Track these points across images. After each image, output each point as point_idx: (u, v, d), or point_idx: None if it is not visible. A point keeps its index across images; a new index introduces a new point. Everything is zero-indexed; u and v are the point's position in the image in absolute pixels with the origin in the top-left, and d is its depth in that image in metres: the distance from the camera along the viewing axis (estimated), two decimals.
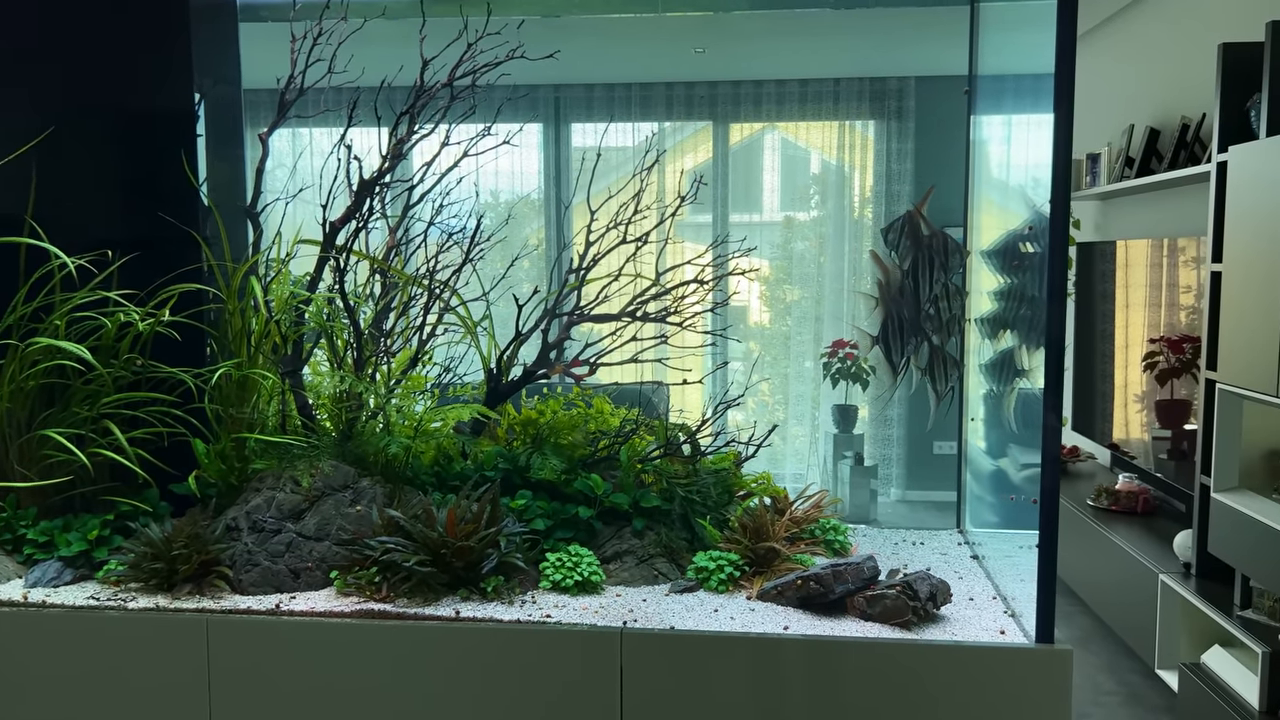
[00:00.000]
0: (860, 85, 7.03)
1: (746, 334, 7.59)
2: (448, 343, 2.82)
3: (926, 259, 2.80)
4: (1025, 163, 3.64)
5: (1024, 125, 6.10)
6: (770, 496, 2.71)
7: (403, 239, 2.87)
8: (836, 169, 7.27)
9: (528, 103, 7.20)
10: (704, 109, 7.16)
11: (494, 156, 6.52)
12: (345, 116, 2.57)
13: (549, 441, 2.68)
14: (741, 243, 2.73)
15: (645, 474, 2.70)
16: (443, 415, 2.59)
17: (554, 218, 7.35)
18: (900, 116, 7.01)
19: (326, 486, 2.59)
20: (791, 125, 7.32)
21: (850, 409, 6.88)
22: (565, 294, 2.76)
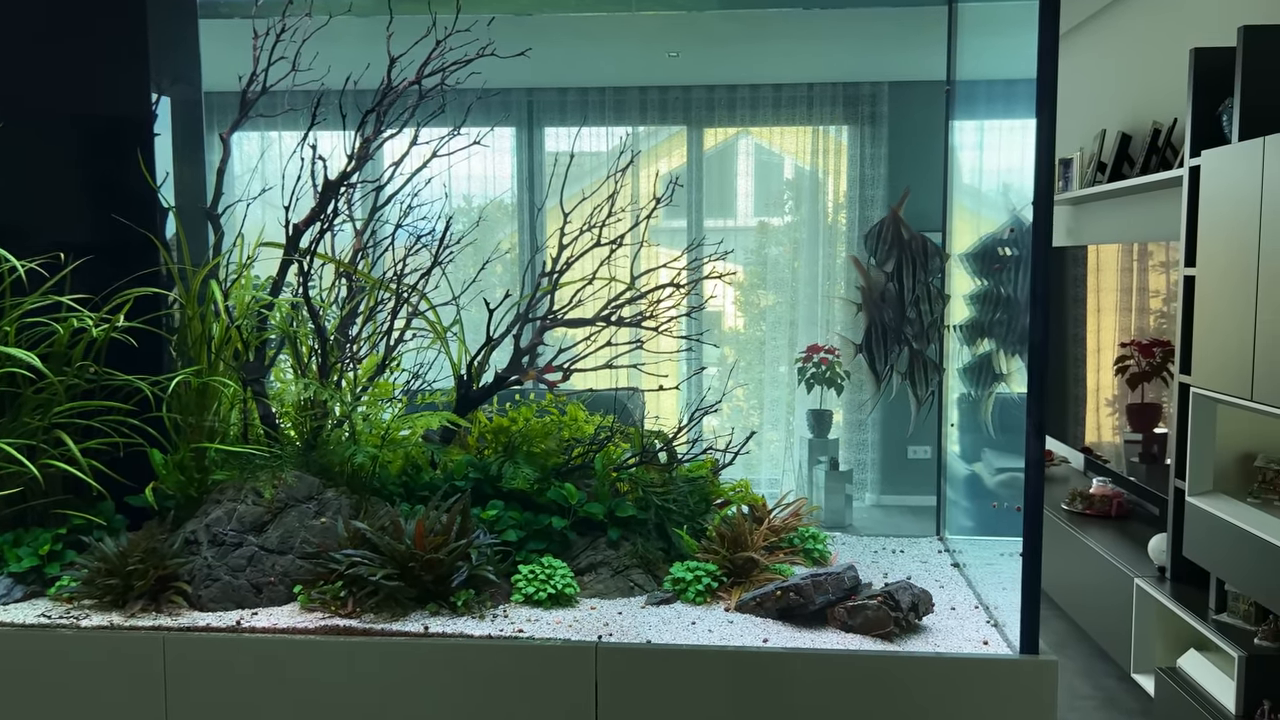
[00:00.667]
0: (834, 90, 6.99)
1: (721, 339, 7.52)
2: (416, 348, 2.72)
3: (908, 261, 2.74)
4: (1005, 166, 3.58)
5: (1003, 129, 6.11)
6: (748, 505, 2.63)
7: (369, 242, 2.77)
8: (810, 174, 7.22)
9: (500, 105, 7.10)
10: (678, 113, 7.09)
11: (465, 157, 6.47)
12: (309, 115, 2.47)
13: (521, 450, 2.59)
14: (718, 245, 2.65)
15: (620, 483, 2.61)
16: (411, 423, 2.49)
17: (527, 222, 7.25)
18: (874, 121, 6.97)
19: (290, 498, 2.48)
20: (765, 131, 7.26)
21: (825, 414, 6.83)
22: (538, 298, 2.67)
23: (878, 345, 2.65)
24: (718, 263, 2.67)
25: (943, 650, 2.20)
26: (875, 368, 2.65)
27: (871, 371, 2.65)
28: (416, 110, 2.62)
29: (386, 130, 2.60)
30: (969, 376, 2.67)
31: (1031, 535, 2.13)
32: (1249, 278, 3.68)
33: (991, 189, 6.52)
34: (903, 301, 2.71)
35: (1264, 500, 3.96)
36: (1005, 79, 3.76)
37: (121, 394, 2.55)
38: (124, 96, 2.73)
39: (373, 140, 2.56)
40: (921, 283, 2.76)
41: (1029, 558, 2.14)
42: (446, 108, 2.74)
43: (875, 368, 2.65)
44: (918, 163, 6.94)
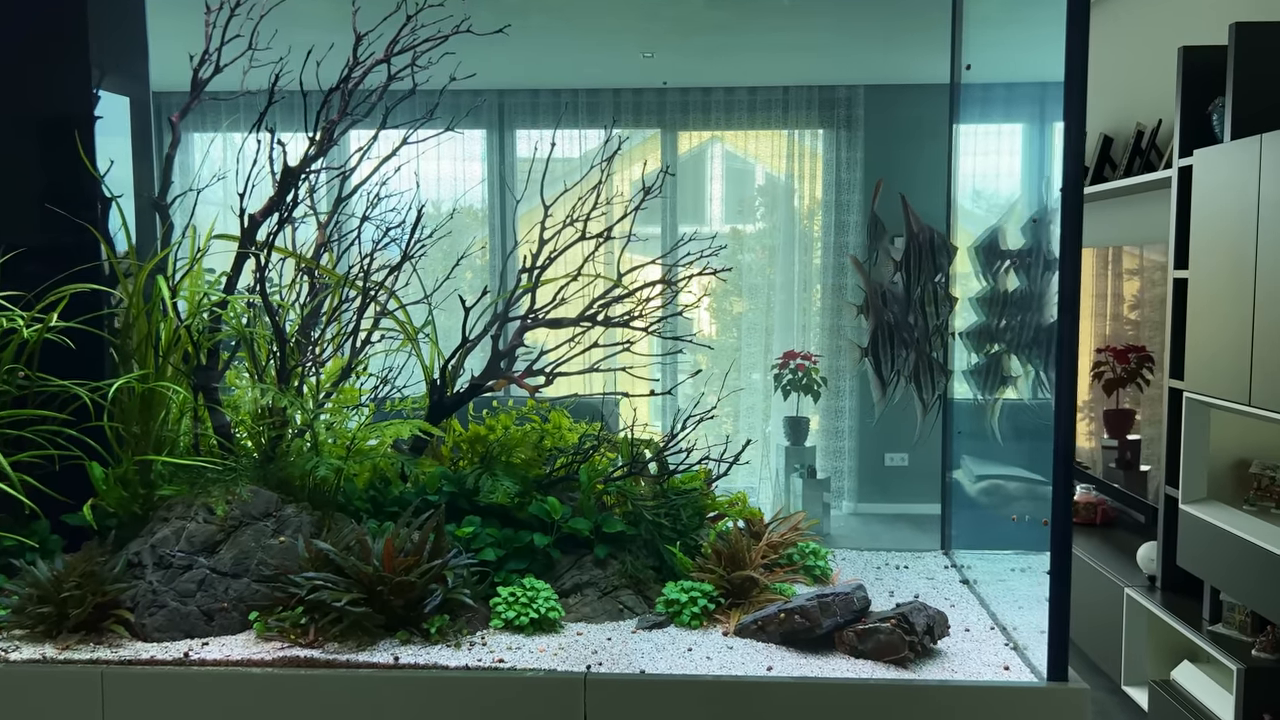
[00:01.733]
0: (809, 93, 6.82)
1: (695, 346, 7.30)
2: (385, 351, 2.48)
3: (915, 253, 2.54)
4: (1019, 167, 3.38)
5: (1013, 130, 5.96)
6: (744, 519, 2.41)
7: (334, 235, 2.52)
8: (785, 179, 7.04)
9: (469, 106, 6.85)
10: (652, 116, 6.88)
11: (435, 157, 6.16)
12: (266, 95, 2.22)
13: (500, 461, 2.35)
14: (712, 240, 2.44)
15: (608, 495, 2.38)
16: (379, 432, 2.25)
17: (498, 226, 7.00)
18: (850, 125, 6.81)
19: (245, 515, 2.22)
20: (738, 137, 7.08)
21: (801, 421, 6.63)
22: (517, 296, 2.44)
23: (884, 348, 2.44)
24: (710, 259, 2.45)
25: (962, 678, 1.99)
26: (881, 372, 2.44)
27: (877, 376, 2.45)
28: (385, 91, 2.38)
29: (352, 113, 2.35)
30: (974, 379, 2.47)
31: (1060, 553, 1.93)
32: (1245, 279, 3.52)
33: (993, 188, 6.39)
34: (909, 297, 2.51)
35: (1260, 508, 3.81)
36: (1019, 81, 3.59)
37: (57, 402, 2.28)
38: (62, 84, 2.47)
39: (337, 123, 2.32)
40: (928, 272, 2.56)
41: (1058, 577, 1.94)
42: (416, 103, 2.50)
43: (881, 372, 2.44)
44: (895, 166, 6.78)
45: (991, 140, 6.36)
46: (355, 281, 2.38)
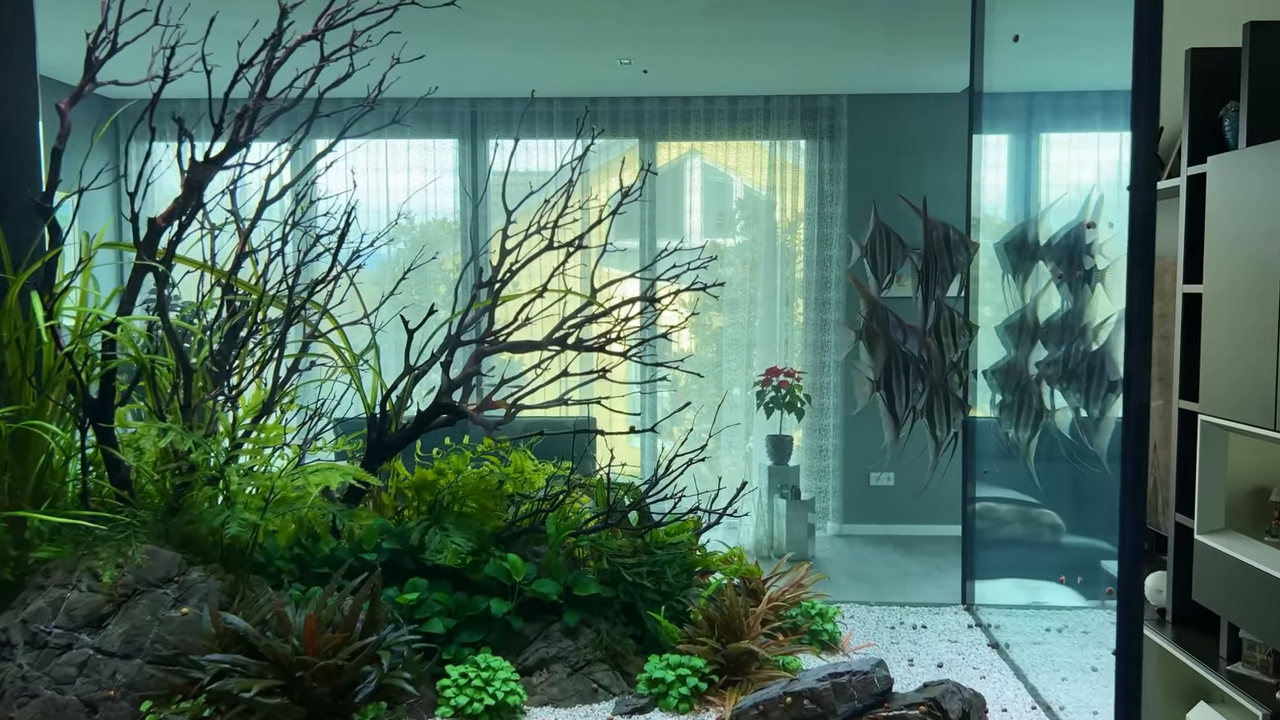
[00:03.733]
0: (791, 103, 6.43)
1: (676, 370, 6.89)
2: (317, 381, 2.06)
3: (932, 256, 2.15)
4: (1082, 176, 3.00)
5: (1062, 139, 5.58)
6: (740, 577, 1.99)
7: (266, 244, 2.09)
8: (767, 190, 6.65)
9: (440, 116, 6.42)
10: (630, 126, 6.47)
11: (405, 168, 5.59)
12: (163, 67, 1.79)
13: (451, 511, 1.93)
14: (700, 251, 2.03)
15: (579, 549, 1.96)
16: (306, 479, 1.82)
17: (470, 239, 6.56)
18: (833, 136, 6.42)
19: (140, 582, 1.78)
20: (717, 150, 6.68)
21: (785, 439, 6.22)
22: (474, 315, 2.01)
23: (898, 381, 2.04)
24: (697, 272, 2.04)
25: None
26: (895, 409, 2.04)
27: (890, 414, 2.04)
28: (317, 74, 1.95)
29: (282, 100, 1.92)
30: (1007, 414, 2.07)
31: (1129, 631, 1.54)
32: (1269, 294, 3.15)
33: (1017, 193, 6.04)
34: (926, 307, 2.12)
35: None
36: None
37: None
38: None
39: (254, 111, 1.88)
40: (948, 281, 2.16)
41: (1125, 658, 1.55)
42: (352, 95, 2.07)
43: (895, 409, 2.04)
44: (879, 177, 6.41)
45: (1018, 149, 6.02)
46: (280, 298, 1.95)
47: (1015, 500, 4.68)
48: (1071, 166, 6.04)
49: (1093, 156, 6.03)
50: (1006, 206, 5.86)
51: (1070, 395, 1.94)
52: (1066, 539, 4.33)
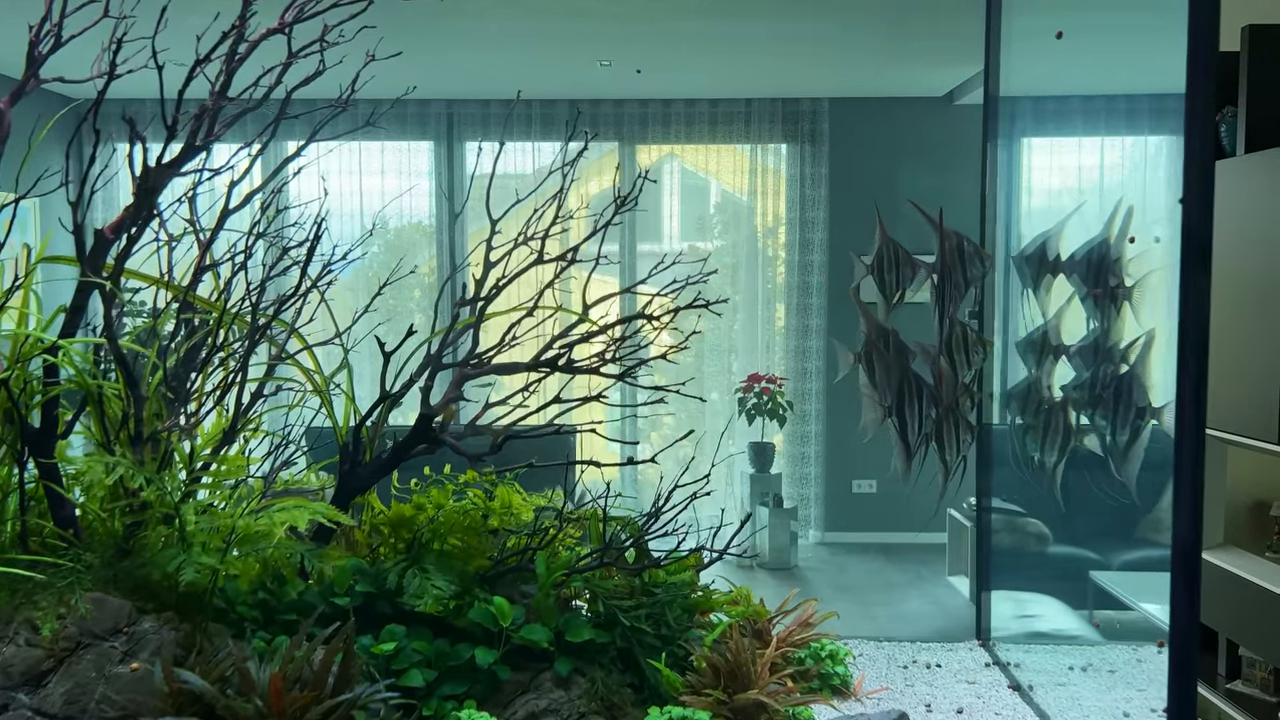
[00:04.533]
0: (772, 106, 6.28)
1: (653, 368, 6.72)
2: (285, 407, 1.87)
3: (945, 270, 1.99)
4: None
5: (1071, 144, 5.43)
6: (747, 619, 1.82)
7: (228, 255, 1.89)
8: (747, 195, 6.50)
9: (416, 118, 6.20)
10: (610, 129, 6.29)
11: (379, 171, 5.34)
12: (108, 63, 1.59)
13: (431, 549, 1.74)
14: (703, 263, 1.86)
15: (571, 587, 1.79)
16: (271, 516, 1.63)
17: (447, 243, 6.36)
18: (814, 140, 6.28)
19: (85, 634, 1.58)
20: (696, 154, 6.52)
21: (767, 447, 6.07)
22: (456, 334, 1.83)
23: (911, 408, 1.88)
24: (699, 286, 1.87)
25: None
26: (907, 437, 1.88)
27: (902, 442, 1.88)
28: (284, 73, 1.76)
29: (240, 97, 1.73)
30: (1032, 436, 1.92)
31: (1181, 691, 1.38)
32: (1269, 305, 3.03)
33: (1040, 204, 5.89)
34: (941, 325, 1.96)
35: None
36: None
37: None
38: None
39: (214, 112, 1.69)
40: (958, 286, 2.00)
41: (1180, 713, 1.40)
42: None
43: (907, 437, 1.88)
44: (862, 182, 6.27)
45: (1043, 154, 5.89)
46: (243, 316, 1.76)
47: (1005, 510, 4.55)
48: (1095, 173, 5.93)
49: (1118, 162, 5.92)
50: (1025, 217, 5.73)
51: (1097, 420, 1.79)
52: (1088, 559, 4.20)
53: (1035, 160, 5.96)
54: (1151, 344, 1.73)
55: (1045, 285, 1.96)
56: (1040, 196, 5.96)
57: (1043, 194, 5.95)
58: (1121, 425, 1.73)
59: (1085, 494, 2.04)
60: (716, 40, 4.96)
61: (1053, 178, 6.00)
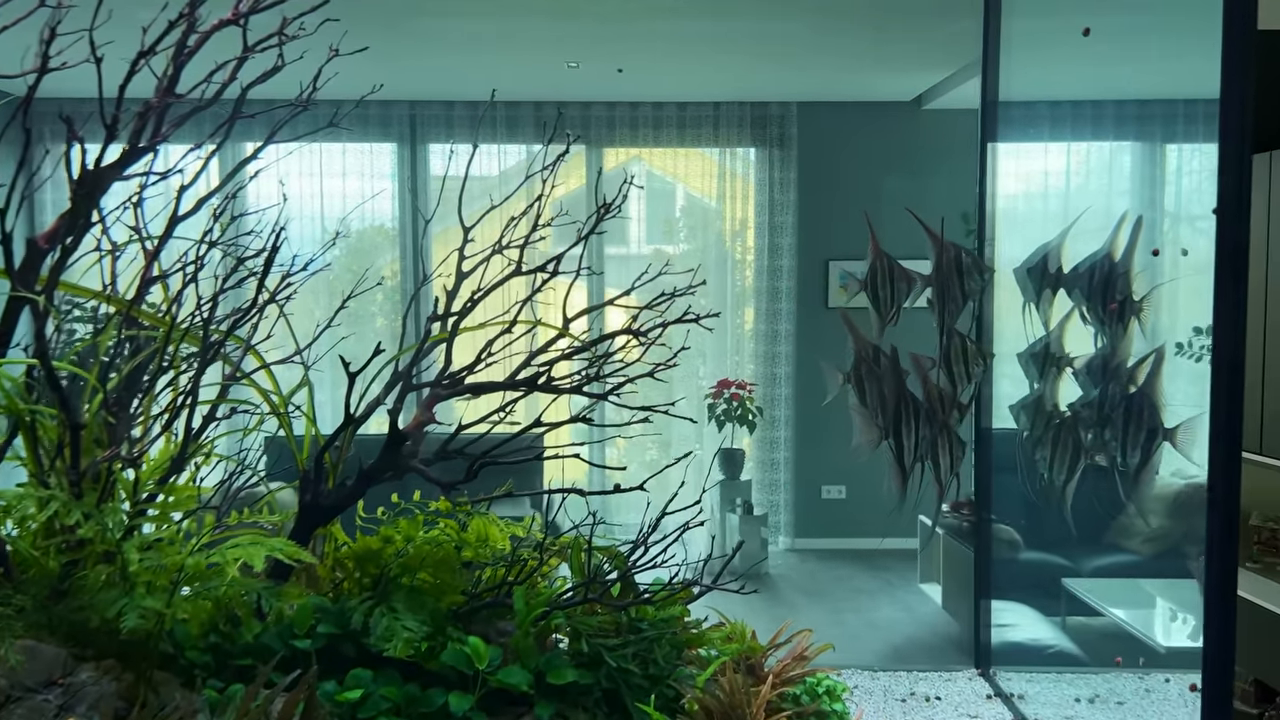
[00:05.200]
0: (740, 110, 6.17)
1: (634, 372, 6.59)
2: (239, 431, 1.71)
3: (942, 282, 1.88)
4: None
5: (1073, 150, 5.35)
6: (740, 656, 1.69)
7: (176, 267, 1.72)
8: (716, 199, 6.39)
9: (378, 119, 6.01)
10: (576, 132, 6.15)
11: (340, 173, 5.18)
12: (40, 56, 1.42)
13: (401, 586, 1.59)
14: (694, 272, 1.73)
15: (552, 623, 1.65)
16: (223, 554, 1.47)
17: (410, 248, 6.17)
18: (783, 144, 6.19)
19: (15, 685, 1.41)
20: (664, 157, 6.40)
21: (737, 453, 5.97)
22: (426, 351, 1.68)
23: (907, 427, 1.77)
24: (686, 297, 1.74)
25: None
26: (903, 459, 1.77)
27: (898, 465, 1.77)
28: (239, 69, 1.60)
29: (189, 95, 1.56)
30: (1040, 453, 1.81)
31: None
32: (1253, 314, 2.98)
33: (1037, 208, 5.81)
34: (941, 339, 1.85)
35: (1265, 565, 3.27)
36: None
37: None
38: None
39: (160, 110, 1.52)
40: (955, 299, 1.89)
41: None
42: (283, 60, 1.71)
43: (903, 459, 1.77)
44: (830, 187, 6.19)
45: (1038, 159, 5.81)
46: (194, 331, 1.59)
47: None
48: (1098, 181, 5.89)
49: (1123, 169, 5.87)
50: (1025, 226, 5.66)
51: (1107, 443, 1.69)
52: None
53: (1029, 166, 5.91)
54: (1162, 362, 1.64)
55: (1047, 299, 1.86)
56: (1035, 201, 5.90)
57: (1038, 199, 5.89)
58: (1132, 447, 1.63)
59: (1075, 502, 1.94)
60: (686, 42, 4.85)
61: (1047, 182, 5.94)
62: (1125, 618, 4.28)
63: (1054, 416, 1.79)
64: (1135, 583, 4.48)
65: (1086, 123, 5.67)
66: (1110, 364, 1.70)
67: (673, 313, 1.79)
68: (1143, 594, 4.43)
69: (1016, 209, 5.67)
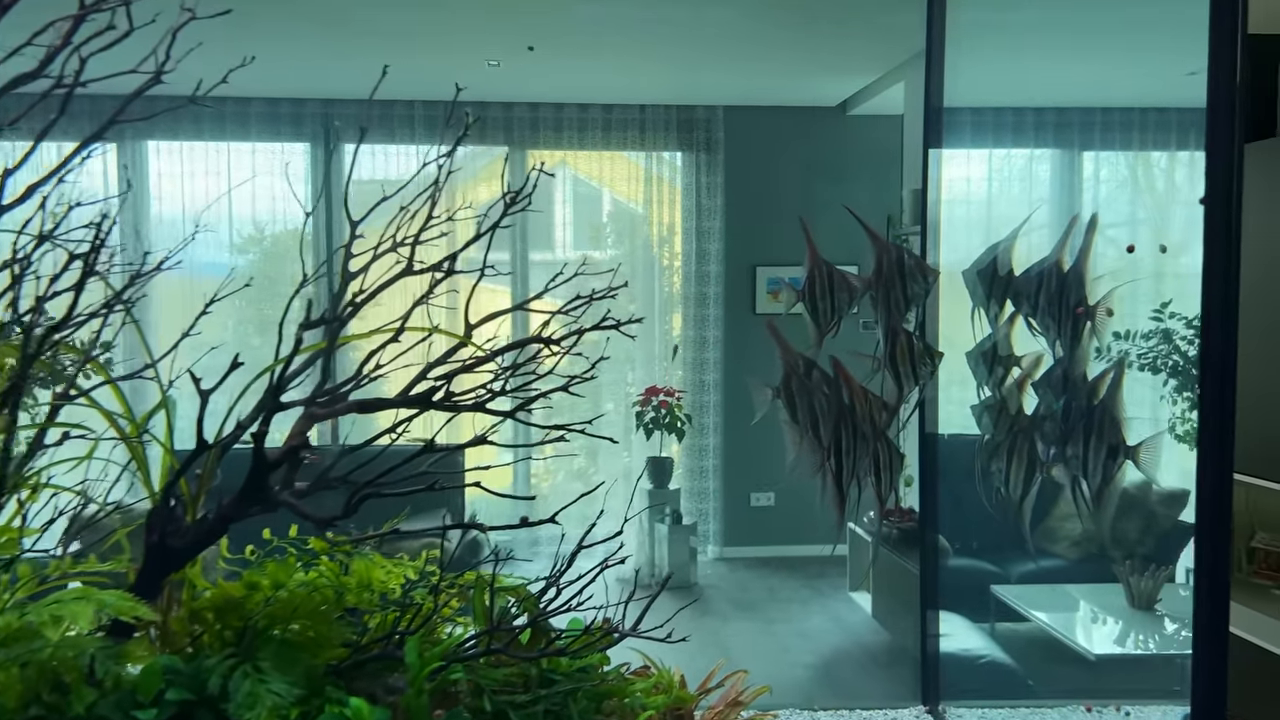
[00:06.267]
0: (667, 113, 5.98)
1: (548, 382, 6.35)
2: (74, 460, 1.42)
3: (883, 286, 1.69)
4: None
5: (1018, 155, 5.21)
6: (670, 709, 1.47)
7: None
8: (642, 203, 6.19)
9: (290, 118, 5.65)
10: (499, 133, 5.89)
11: (250, 171, 4.90)
12: None
13: (270, 640, 1.33)
14: (613, 273, 1.51)
15: (451, 677, 1.40)
16: (40, 610, 1.19)
17: (327, 252, 5.83)
18: (709, 148, 6.02)
19: None
20: (589, 162, 6.18)
21: (665, 462, 5.77)
22: (297, 367, 1.42)
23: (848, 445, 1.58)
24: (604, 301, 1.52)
25: None
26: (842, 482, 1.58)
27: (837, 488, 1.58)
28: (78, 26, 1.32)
29: None
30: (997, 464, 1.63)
31: None
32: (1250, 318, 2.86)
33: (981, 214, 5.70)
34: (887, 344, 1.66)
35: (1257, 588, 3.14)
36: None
37: None
38: None
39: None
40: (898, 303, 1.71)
41: None
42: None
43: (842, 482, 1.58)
44: (756, 192, 6.04)
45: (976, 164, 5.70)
46: (10, 342, 1.31)
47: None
48: (1021, 187, 5.82)
49: (1046, 175, 5.81)
50: (975, 229, 5.56)
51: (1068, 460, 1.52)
52: None
53: (963, 171, 5.83)
54: (1123, 374, 1.47)
55: (996, 303, 1.69)
56: (972, 208, 5.82)
57: (976, 205, 5.81)
58: (1092, 468, 1.46)
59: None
60: (609, 35, 4.62)
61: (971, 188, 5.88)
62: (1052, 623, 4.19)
63: (1015, 424, 1.62)
64: (1063, 588, 4.40)
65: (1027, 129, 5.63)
66: (1070, 374, 1.53)
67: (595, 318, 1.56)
68: (1071, 599, 4.35)
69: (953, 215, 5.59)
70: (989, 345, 1.72)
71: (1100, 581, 4.38)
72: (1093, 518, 1.52)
